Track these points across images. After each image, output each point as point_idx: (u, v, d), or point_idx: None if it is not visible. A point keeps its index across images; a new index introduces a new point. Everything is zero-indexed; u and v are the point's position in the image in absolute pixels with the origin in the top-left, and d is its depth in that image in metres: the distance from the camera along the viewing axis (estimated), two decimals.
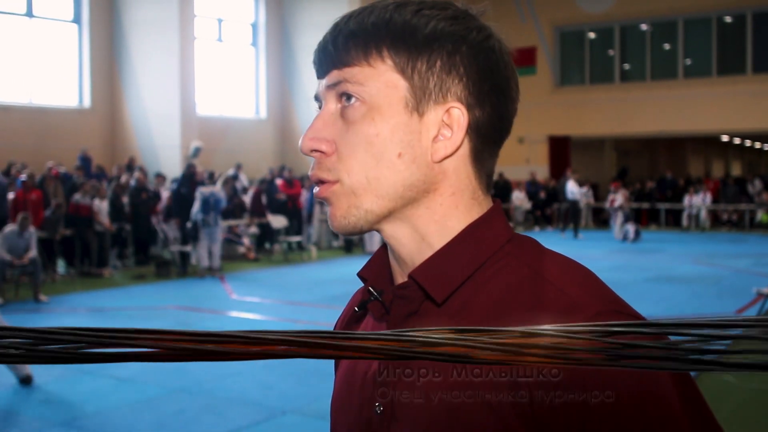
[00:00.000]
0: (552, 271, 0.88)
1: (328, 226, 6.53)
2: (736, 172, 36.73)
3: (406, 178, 0.90)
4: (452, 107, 0.91)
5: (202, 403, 6.07)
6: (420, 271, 0.91)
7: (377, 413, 0.92)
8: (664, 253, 16.92)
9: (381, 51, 0.91)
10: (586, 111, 25.51)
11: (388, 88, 0.91)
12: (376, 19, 0.91)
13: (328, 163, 0.93)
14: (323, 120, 0.94)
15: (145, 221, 14.79)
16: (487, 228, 0.93)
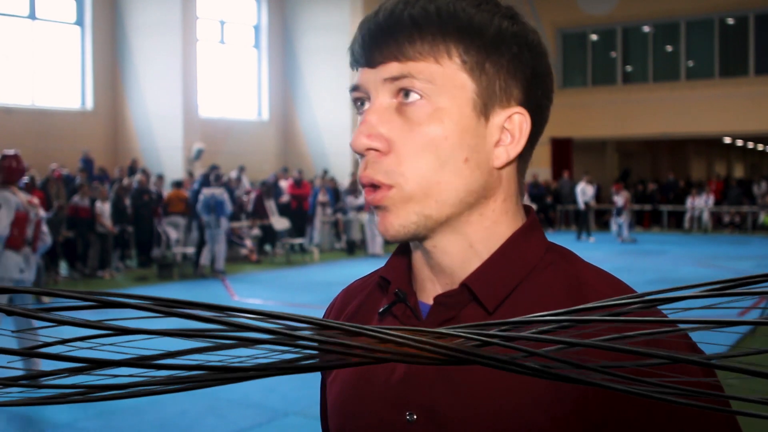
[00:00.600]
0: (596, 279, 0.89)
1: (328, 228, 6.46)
2: (739, 174, 36.72)
3: (469, 184, 0.87)
4: (516, 113, 0.89)
5: (205, 405, 6.07)
6: (474, 279, 0.89)
7: (408, 422, 0.88)
8: (666, 255, 16.90)
9: (449, 46, 0.86)
10: (588, 113, 25.50)
11: (457, 88, 0.86)
12: (439, 9, 0.86)
13: (385, 165, 0.86)
14: (378, 115, 0.87)
15: (147, 223, 14.81)
16: (532, 236, 0.92)
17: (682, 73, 25.23)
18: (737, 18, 24.61)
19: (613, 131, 26.02)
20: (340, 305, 1.08)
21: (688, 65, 25.28)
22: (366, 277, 1.10)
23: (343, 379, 1.00)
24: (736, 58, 24.61)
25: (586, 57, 26.83)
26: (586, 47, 26.89)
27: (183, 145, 19.55)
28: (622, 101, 25.09)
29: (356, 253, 17.32)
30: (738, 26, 24.70)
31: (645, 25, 25.89)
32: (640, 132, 25.72)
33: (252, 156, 21.87)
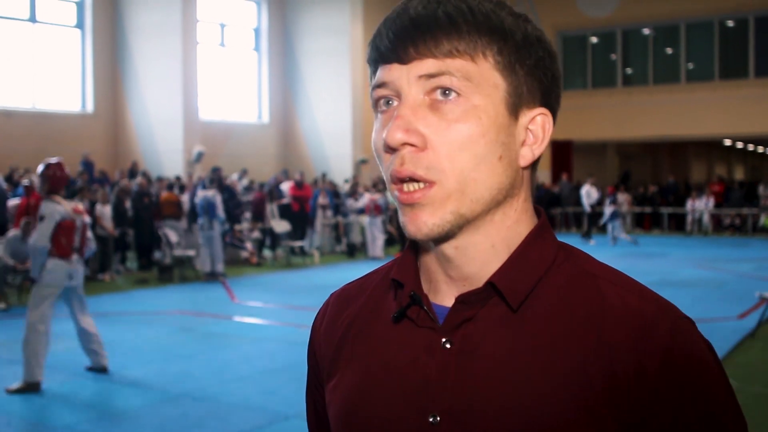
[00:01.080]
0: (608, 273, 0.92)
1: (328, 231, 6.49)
2: (739, 176, 36.72)
3: (502, 182, 0.89)
4: (540, 114, 0.91)
5: (206, 408, 6.07)
6: (499, 278, 0.90)
7: (432, 424, 0.88)
8: (666, 257, 16.90)
9: (484, 46, 0.87)
10: (589, 115, 25.51)
11: (491, 87, 0.87)
12: (472, 10, 0.87)
13: (425, 160, 0.86)
14: (413, 110, 0.87)
15: (147, 226, 14.81)
16: (546, 235, 0.94)
17: (682, 76, 25.23)
18: (737, 20, 24.63)
19: (613, 133, 26.04)
20: (336, 310, 1.06)
21: (688, 67, 25.29)
22: (362, 279, 1.08)
23: (348, 386, 0.98)
24: (736, 60, 24.62)
25: (586, 59, 26.84)
26: (586, 50, 26.90)
27: (183, 148, 19.56)
28: (623, 103, 25.10)
29: (357, 256, 17.33)
30: (738, 28, 24.71)
31: (645, 28, 25.90)
32: (640, 134, 25.73)
33: (252, 159, 21.88)
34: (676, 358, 0.84)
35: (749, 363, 7.41)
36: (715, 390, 0.87)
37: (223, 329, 9.37)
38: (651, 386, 0.84)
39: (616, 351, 0.85)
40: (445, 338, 0.90)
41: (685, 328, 0.87)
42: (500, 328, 0.88)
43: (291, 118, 24.00)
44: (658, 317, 0.86)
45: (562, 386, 0.84)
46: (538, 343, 0.87)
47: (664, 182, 27.09)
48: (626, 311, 0.87)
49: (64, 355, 7.75)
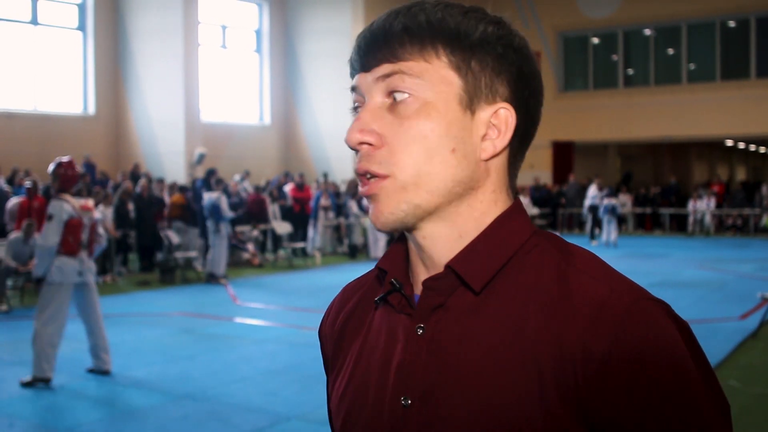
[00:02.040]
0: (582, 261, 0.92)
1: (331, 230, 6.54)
2: (741, 177, 36.69)
3: (456, 174, 0.92)
4: (501, 108, 0.94)
5: (207, 410, 6.07)
6: (458, 261, 0.93)
7: (403, 407, 0.92)
8: (668, 258, 16.89)
9: (436, 48, 0.92)
10: (590, 116, 25.51)
11: (443, 84, 0.92)
12: (428, 18, 0.92)
13: (379, 157, 0.92)
14: (371, 112, 0.94)
15: (150, 228, 14.82)
16: (515, 220, 0.96)
17: (684, 76, 25.23)
18: (738, 21, 24.62)
19: (614, 134, 26.02)
20: (338, 306, 1.12)
21: (689, 68, 25.28)
22: (362, 276, 1.14)
23: (343, 376, 1.04)
24: (737, 60, 24.62)
25: (587, 60, 26.84)
26: (587, 50, 26.90)
27: (185, 150, 19.57)
28: (624, 104, 25.10)
29: (358, 257, 17.33)
30: (739, 29, 24.71)
31: (646, 28, 25.90)
32: (641, 135, 25.72)
33: (254, 160, 21.89)
34: (626, 341, 0.83)
35: (751, 364, 7.40)
36: (681, 374, 0.84)
37: (225, 331, 9.37)
38: (599, 373, 0.83)
39: (565, 337, 0.85)
40: (419, 324, 0.94)
41: (643, 309, 0.86)
42: (467, 314, 0.92)
43: (292, 120, 24.01)
44: (610, 300, 0.86)
45: (517, 371, 0.87)
46: (499, 330, 0.89)
47: (665, 183, 27.07)
48: (583, 296, 0.87)
49: (68, 356, 7.75)
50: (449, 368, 0.90)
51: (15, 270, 10.87)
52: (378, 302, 1.00)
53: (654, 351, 0.83)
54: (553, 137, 25.96)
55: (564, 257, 0.92)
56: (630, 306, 0.85)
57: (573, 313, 0.86)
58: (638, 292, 0.88)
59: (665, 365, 0.83)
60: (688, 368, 0.85)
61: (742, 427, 5.59)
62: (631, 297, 0.87)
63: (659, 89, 25.20)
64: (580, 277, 0.89)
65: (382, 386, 0.96)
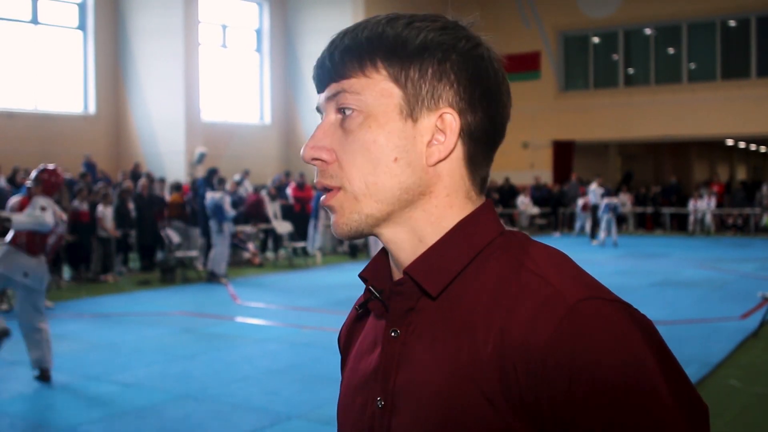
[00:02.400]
0: (537, 262, 0.91)
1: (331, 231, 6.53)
2: (742, 176, 36.68)
3: (402, 182, 0.94)
4: (444, 113, 0.95)
5: (208, 409, 6.07)
6: (414, 267, 0.95)
7: (379, 407, 0.96)
8: (669, 257, 16.89)
9: (375, 62, 0.95)
10: (591, 115, 25.50)
11: (383, 96, 0.94)
12: (369, 34, 0.95)
13: (331, 171, 0.97)
14: (323, 130, 0.98)
15: (150, 227, 14.82)
16: (477, 223, 0.96)
17: (684, 76, 25.22)
18: (739, 20, 24.62)
19: (615, 134, 26.02)
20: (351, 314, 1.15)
21: (690, 68, 25.28)
22: None
23: (343, 380, 1.09)
24: (737, 60, 24.61)
25: (587, 60, 26.83)
26: (587, 50, 26.89)
27: (185, 149, 19.57)
28: (624, 104, 25.09)
29: (359, 257, 17.33)
30: (740, 28, 24.70)
31: (647, 28, 25.89)
32: (642, 134, 25.71)
33: (254, 160, 21.89)
34: (565, 336, 0.81)
35: (752, 363, 7.40)
36: (634, 370, 0.80)
37: (226, 330, 9.37)
38: (537, 369, 0.82)
39: (507, 336, 0.85)
40: (393, 328, 0.97)
41: (592, 305, 0.83)
42: (433, 317, 0.93)
43: (293, 119, 24.01)
44: (553, 299, 0.84)
45: (465, 372, 0.87)
46: (455, 330, 0.91)
47: (666, 182, 27.06)
48: (528, 295, 0.87)
49: (68, 356, 7.75)
50: (414, 368, 0.93)
51: None
52: (359, 309, 1.05)
53: (600, 346, 0.80)
54: (554, 137, 25.96)
55: (521, 258, 0.92)
56: (576, 304, 0.83)
57: (516, 312, 0.86)
58: (589, 291, 0.85)
59: (613, 362, 0.80)
60: (642, 366, 0.81)
61: (742, 426, 5.59)
62: (579, 295, 0.84)
63: (660, 89, 25.19)
64: (529, 278, 0.88)
65: (362, 389, 1.00)
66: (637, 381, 0.80)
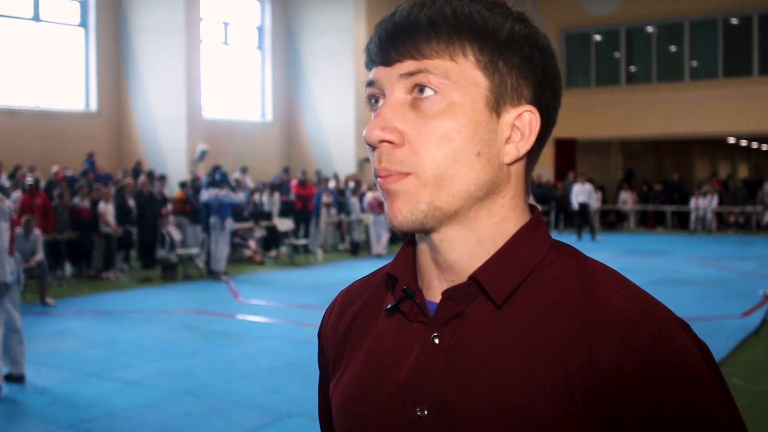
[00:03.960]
0: (605, 278, 0.91)
1: (333, 227, 6.54)
2: (743, 174, 36.64)
3: (480, 178, 0.90)
4: (526, 111, 0.91)
5: (209, 407, 6.07)
6: (482, 272, 0.90)
7: (419, 417, 0.90)
8: (670, 255, 16.88)
9: (464, 46, 0.88)
10: (592, 113, 25.47)
11: (471, 84, 0.89)
12: (455, 11, 0.88)
13: (400, 156, 0.88)
14: (392, 109, 0.89)
15: (151, 224, 14.82)
16: (536, 233, 0.94)
17: (686, 74, 25.19)
18: (741, 18, 24.57)
19: (616, 132, 25.99)
20: (341, 307, 1.09)
21: (691, 65, 25.24)
22: (367, 277, 1.10)
23: (348, 380, 1.00)
24: (739, 58, 24.57)
25: (589, 57, 26.80)
26: (589, 48, 26.86)
27: (187, 147, 19.56)
28: (626, 102, 25.06)
29: (360, 254, 17.33)
30: (742, 26, 24.66)
31: (648, 26, 25.85)
32: (643, 132, 25.68)
33: (256, 157, 21.87)
34: (658, 360, 0.83)
35: (753, 361, 7.39)
36: (704, 395, 0.84)
37: (227, 327, 9.37)
38: (631, 389, 0.83)
39: (597, 352, 0.84)
40: (435, 333, 0.92)
41: (673, 329, 0.86)
42: (487, 325, 0.90)
43: (294, 117, 23.99)
44: (642, 318, 0.85)
45: (543, 385, 0.85)
46: (523, 341, 0.88)
47: (668, 180, 27.04)
48: (611, 312, 0.86)
49: (70, 353, 7.76)
50: (467, 379, 0.88)
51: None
52: (390, 311, 0.97)
53: (682, 372, 0.84)
54: (556, 134, 25.74)
55: (586, 272, 0.91)
56: (660, 326, 0.85)
57: (605, 330, 0.85)
58: (665, 312, 0.88)
59: (692, 386, 0.84)
60: (710, 390, 0.85)
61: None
62: (660, 317, 0.86)
63: (661, 86, 25.16)
64: (606, 293, 0.88)
65: (394, 396, 0.93)
66: (708, 407, 0.85)
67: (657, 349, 0.83)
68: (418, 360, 0.92)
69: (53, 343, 8.34)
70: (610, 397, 0.83)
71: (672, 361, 0.83)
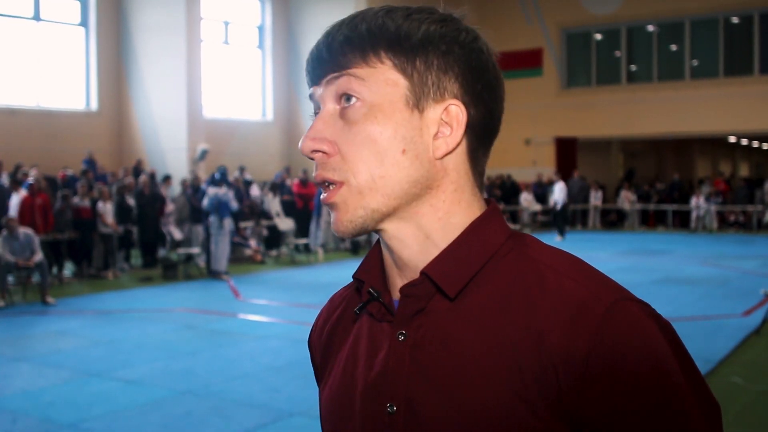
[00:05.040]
0: (558, 264, 0.91)
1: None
2: (744, 173, 36.63)
3: (410, 175, 0.91)
4: (451, 104, 0.93)
5: (210, 406, 6.07)
6: (432, 267, 0.92)
7: (389, 413, 0.92)
8: (671, 254, 16.88)
9: (378, 53, 0.92)
10: (593, 112, 25.47)
11: (389, 86, 0.91)
12: (369, 25, 0.92)
13: (333, 163, 0.93)
14: (323, 121, 0.94)
15: (152, 223, 14.82)
16: (489, 225, 0.95)
17: (687, 73, 25.18)
18: (742, 17, 24.56)
19: (617, 131, 25.99)
20: (326, 315, 1.12)
21: (692, 64, 25.24)
22: (349, 284, 1.14)
23: (330, 385, 1.04)
24: (740, 57, 24.56)
25: (590, 56, 26.79)
26: (590, 47, 26.85)
27: (188, 146, 19.56)
28: (627, 101, 25.06)
29: (360, 253, 17.33)
30: (743, 25, 24.65)
31: (649, 25, 25.85)
32: (644, 131, 25.68)
33: (256, 156, 21.88)
34: (606, 341, 0.83)
35: (754, 360, 7.39)
36: (662, 374, 0.83)
37: (228, 327, 9.38)
38: (579, 373, 0.83)
39: (545, 338, 0.85)
40: (400, 330, 0.94)
41: (625, 308, 0.85)
42: (446, 320, 0.91)
43: (295, 116, 24.00)
44: (590, 301, 0.85)
45: (498, 375, 0.86)
46: (480, 334, 0.89)
47: (668, 179, 27.04)
48: (560, 296, 0.86)
49: (70, 352, 7.76)
50: (432, 373, 0.90)
51: (15, 265, 10.84)
52: (357, 312, 1.00)
53: (636, 351, 0.83)
54: (556, 133, 25.92)
55: (540, 259, 0.92)
56: (610, 306, 0.85)
57: (553, 316, 0.86)
58: (618, 293, 0.87)
59: (647, 365, 0.83)
60: (670, 368, 0.84)
61: (745, 424, 5.58)
62: (611, 297, 0.86)
63: (662, 85, 25.16)
64: (558, 279, 0.88)
65: (367, 394, 0.95)
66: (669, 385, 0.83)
67: (605, 329, 0.83)
68: (387, 357, 0.94)
69: (54, 343, 8.34)
70: (561, 383, 0.83)
71: (623, 341, 0.83)
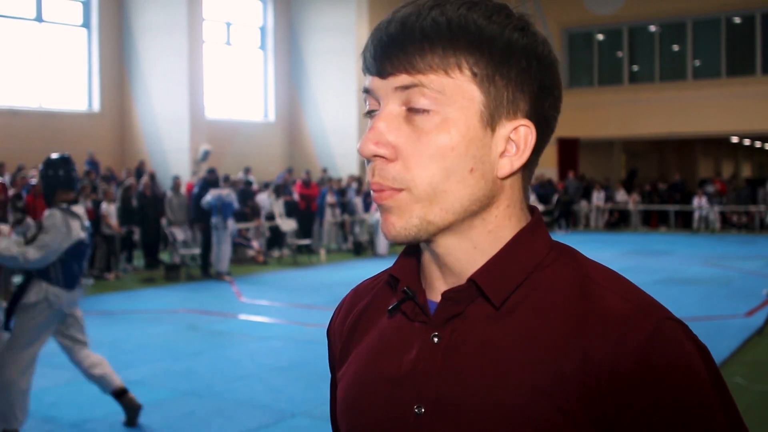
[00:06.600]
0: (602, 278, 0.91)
1: (336, 227, 6.54)
2: (746, 174, 36.62)
3: (474, 193, 0.89)
4: (522, 125, 0.90)
5: (212, 406, 6.07)
6: (480, 275, 0.91)
7: (417, 414, 0.91)
8: (674, 255, 16.86)
9: (459, 60, 0.87)
10: (595, 113, 25.46)
11: (466, 99, 0.88)
12: (449, 22, 0.87)
13: (393, 171, 0.88)
14: (387, 122, 0.89)
15: (154, 225, 14.82)
16: (534, 236, 0.94)
17: (689, 73, 25.17)
18: (744, 17, 24.54)
19: (619, 131, 25.98)
20: (349, 305, 1.10)
21: (694, 65, 25.22)
22: (375, 276, 1.12)
23: (350, 377, 1.02)
24: (742, 57, 24.55)
25: (592, 57, 26.79)
26: (592, 47, 26.84)
27: (190, 147, 19.58)
28: (629, 101, 25.04)
29: (363, 254, 17.33)
30: (744, 25, 24.63)
31: (651, 25, 25.84)
32: (646, 132, 25.66)
33: (258, 157, 21.89)
34: (652, 360, 0.83)
35: (757, 361, 7.38)
36: (701, 396, 0.83)
37: (230, 327, 9.37)
38: (624, 389, 0.83)
39: (591, 352, 0.84)
40: (434, 332, 0.93)
41: (669, 328, 0.85)
42: (486, 325, 0.90)
43: (297, 117, 24.01)
44: (637, 318, 0.85)
45: (538, 385, 0.85)
46: (520, 342, 0.88)
47: (671, 180, 27.02)
48: (605, 312, 0.86)
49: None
50: (466, 377, 0.89)
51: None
52: (391, 311, 0.98)
53: (677, 372, 0.83)
54: (558, 134, 25.74)
55: (583, 272, 0.91)
56: (656, 325, 0.84)
57: (599, 330, 0.85)
58: (662, 311, 0.87)
59: (688, 387, 0.83)
60: (707, 392, 0.84)
61: (747, 424, 5.56)
62: (656, 316, 0.86)
63: (664, 86, 25.14)
64: (603, 293, 0.88)
65: (392, 393, 0.94)
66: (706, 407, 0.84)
67: (651, 348, 0.83)
68: (417, 358, 0.93)
69: (56, 343, 8.33)
70: (605, 397, 0.83)
71: (667, 361, 0.83)
